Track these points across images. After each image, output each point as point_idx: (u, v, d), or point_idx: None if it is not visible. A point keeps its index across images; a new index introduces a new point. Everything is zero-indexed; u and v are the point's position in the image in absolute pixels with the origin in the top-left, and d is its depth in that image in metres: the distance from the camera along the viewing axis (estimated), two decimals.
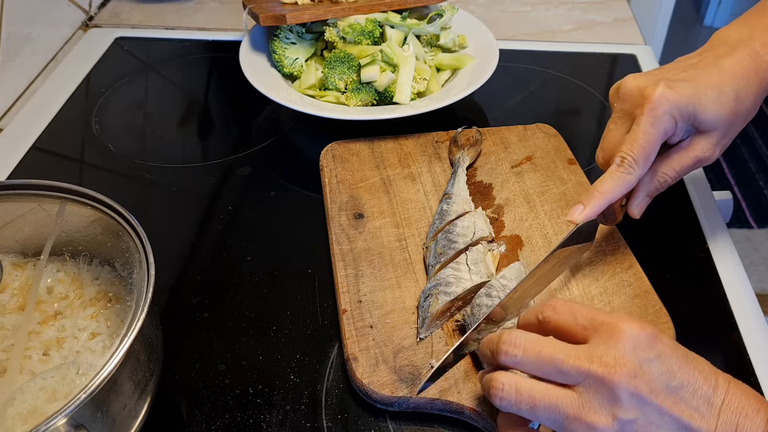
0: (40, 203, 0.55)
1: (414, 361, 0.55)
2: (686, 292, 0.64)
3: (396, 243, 0.66)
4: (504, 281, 0.58)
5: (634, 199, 0.59)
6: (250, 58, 0.88)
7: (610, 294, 0.61)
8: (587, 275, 0.62)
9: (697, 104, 0.55)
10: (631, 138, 0.55)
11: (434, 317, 0.57)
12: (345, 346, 0.57)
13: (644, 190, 0.59)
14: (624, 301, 0.60)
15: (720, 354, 0.60)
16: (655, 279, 0.62)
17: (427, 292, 0.59)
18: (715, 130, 0.56)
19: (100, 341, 0.50)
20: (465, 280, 0.59)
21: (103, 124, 0.87)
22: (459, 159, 0.74)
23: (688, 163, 0.58)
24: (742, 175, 2.27)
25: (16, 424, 0.44)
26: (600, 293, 0.61)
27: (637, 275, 0.62)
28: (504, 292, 0.56)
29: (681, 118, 0.55)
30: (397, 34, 0.84)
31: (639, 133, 0.55)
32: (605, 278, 0.62)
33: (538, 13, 1.12)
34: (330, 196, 0.71)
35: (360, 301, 0.60)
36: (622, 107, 0.58)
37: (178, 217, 0.74)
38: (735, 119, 0.56)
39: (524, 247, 0.66)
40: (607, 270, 0.63)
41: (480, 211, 0.67)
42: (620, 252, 0.64)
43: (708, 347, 0.59)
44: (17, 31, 0.90)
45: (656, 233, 0.69)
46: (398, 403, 0.53)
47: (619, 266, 0.63)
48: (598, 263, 0.63)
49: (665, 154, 0.58)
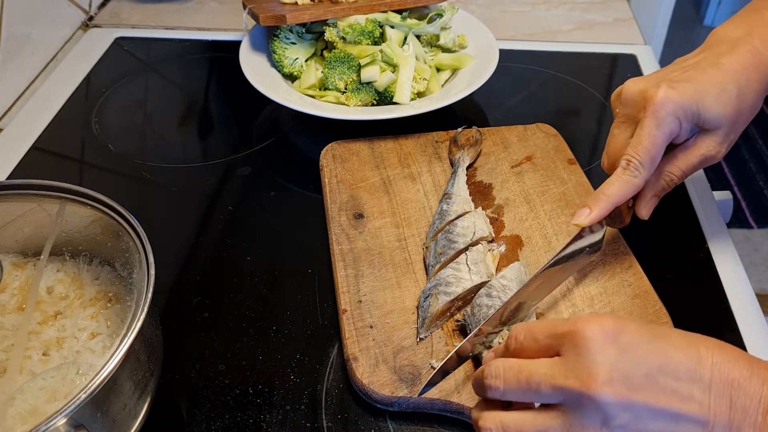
0: (40, 203, 0.55)
1: (414, 361, 0.55)
2: (686, 292, 0.64)
3: (396, 243, 0.66)
4: (504, 281, 0.58)
5: (642, 200, 0.59)
6: (250, 58, 0.88)
7: (610, 294, 0.61)
8: (587, 275, 0.62)
9: (701, 104, 0.55)
10: (636, 141, 0.55)
11: (434, 317, 0.57)
12: (345, 346, 0.57)
13: (651, 191, 0.59)
14: (624, 301, 0.60)
15: None
16: (655, 279, 0.62)
17: (427, 292, 0.59)
18: (720, 128, 0.56)
19: (100, 341, 0.50)
20: (465, 280, 0.59)
21: (103, 124, 0.87)
22: (459, 159, 0.74)
23: (694, 162, 0.58)
24: (742, 175, 2.27)
25: (16, 424, 0.44)
26: (600, 293, 0.61)
27: (637, 275, 0.62)
28: (504, 292, 0.56)
29: (685, 119, 0.55)
30: (397, 34, 0.84)
31: (643, 135, 0.55)
32: (605, 278, 0.62)
33: (538, 13, 1.12)
34: (330, 196, 0.71)
35: (360, 301, 0.60)
36: (624, 112, 0.58)
37: (178, 217, 0.74)
38: (738, 116, 0.56)
39: (524, 247, 0.66)
40: (607, 270, 0.63)
41: (480, 211, 0.67)
42: (620, 252, 0.64)
43: None
44: (17, 31, 0.90)
45: (656, 233, 0.69)
46: (398, 403, 0.53)
47: (619, 266, 0.63)
48: (598, 263, 0.63)
49: (671, 154, 0.58)
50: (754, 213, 2.13)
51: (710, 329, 0.61)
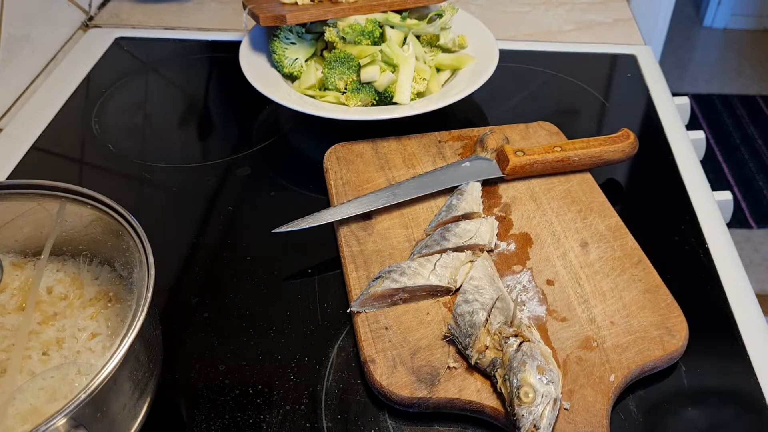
0: (40, 203, 0.55)
1: (432, 362, 0.55)
2: (686, 292, 0.64)
3: (406, 244, 0.66)
4: (474, 282, 0.58)
5: None
6: (250, 58, 0.88)
7: (621, 289, 0.61)
8: (598, 271, 0.62)
9: None
10: None
11: (371, 297, 0.58)
12: (361, 348, 0.56)
13: None
14: (635, 296, 0.60)
15: (720, 355, 0.60)
16: None
17: (382, 272, 0.60)
18: None
19: (100, 341, 0.50)
20: (421, 277, 0.59)
21: (103, 124, 0.87)
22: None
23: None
24: (742, 175, 2.27)
25: (16, 424, 0.44)
26: (611, 289, 0.61)
27: (646, 270, 0.62)
28: (479, 292, 0.57)
29: None
30: (397, 34, 0.84)
31: None
32: (615, 274, 0.62)
33: (537, 13, 1.12)
34: (336, 198, 0.71)
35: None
36: None
37: (178, 217, 0.74)
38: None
39: (533, 245, 0.66)
40: (617, 266, 0.63)
41: (492, 220, 0.67)
42: (628, 247, 0.65)
43: (708, 347, 0.60)
44: (17, 31, 0.90)
45: (656, 233, 0.69)
46: (418, 404, 0.53)
47: (628, 261, 0.63)
48: (608, 259, 0.64)
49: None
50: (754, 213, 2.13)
51: (710, 329, 0.61)
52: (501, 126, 0.81)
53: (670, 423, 0.54)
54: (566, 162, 0.72)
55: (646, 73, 0.97)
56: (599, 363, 0.55)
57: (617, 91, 0.94)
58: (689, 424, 0.54)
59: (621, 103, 0.92)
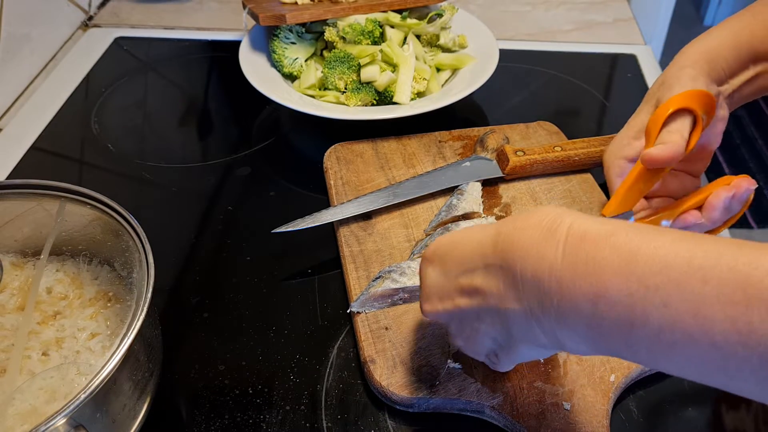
0: (39, 203, 0.55)
1: (431, 362, 0.55)
2: None
3: (406, 244, 0.66)
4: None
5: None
6: (249, 58, 0.87)
7: None
8: None
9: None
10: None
11: (372, 297, 0.58)
12: (361, 348, 0.56)
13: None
14: None
15: None
16: None
17: (381, 272, 0.59)
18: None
19: (100, 341, 0.50)
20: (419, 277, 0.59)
21: (103, 124, 0.87)
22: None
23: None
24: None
25: (16, 424, 0.44)
26: None
27: None
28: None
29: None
30: (397, 34, 0.84)
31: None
32: None
33: (538, 13, 1.12)
34: (336, 198, 0.71)
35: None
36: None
37: (177, 217, 0.74)
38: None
39: None
40: None
41: (492, 220, 0.67)
42: None
43: None
44: (17, 31, 0.90)
45: None
46: (418, 404, 0.53)
47: None
48: None
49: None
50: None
51: None
52: (501, 126, 0.81)
53: (670, 423, 0.54)
54: (566, 162, 0.72)
55: (647, 73, 0.97)
56: (599, 363, 0.55)
57: (617, 91, 0.94)
58: (689, 424, 0.54)
59: (621, 103, 0.92)
